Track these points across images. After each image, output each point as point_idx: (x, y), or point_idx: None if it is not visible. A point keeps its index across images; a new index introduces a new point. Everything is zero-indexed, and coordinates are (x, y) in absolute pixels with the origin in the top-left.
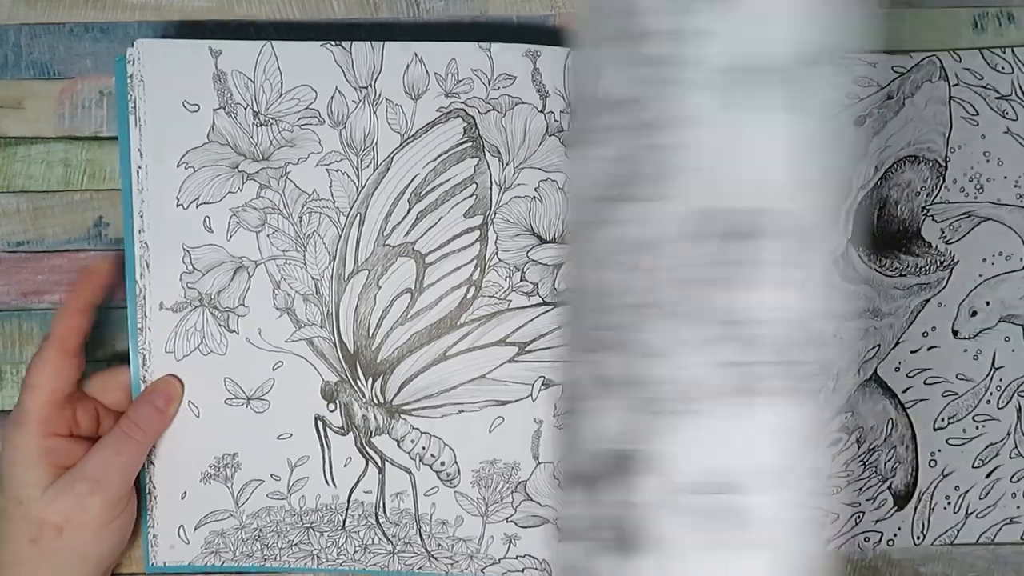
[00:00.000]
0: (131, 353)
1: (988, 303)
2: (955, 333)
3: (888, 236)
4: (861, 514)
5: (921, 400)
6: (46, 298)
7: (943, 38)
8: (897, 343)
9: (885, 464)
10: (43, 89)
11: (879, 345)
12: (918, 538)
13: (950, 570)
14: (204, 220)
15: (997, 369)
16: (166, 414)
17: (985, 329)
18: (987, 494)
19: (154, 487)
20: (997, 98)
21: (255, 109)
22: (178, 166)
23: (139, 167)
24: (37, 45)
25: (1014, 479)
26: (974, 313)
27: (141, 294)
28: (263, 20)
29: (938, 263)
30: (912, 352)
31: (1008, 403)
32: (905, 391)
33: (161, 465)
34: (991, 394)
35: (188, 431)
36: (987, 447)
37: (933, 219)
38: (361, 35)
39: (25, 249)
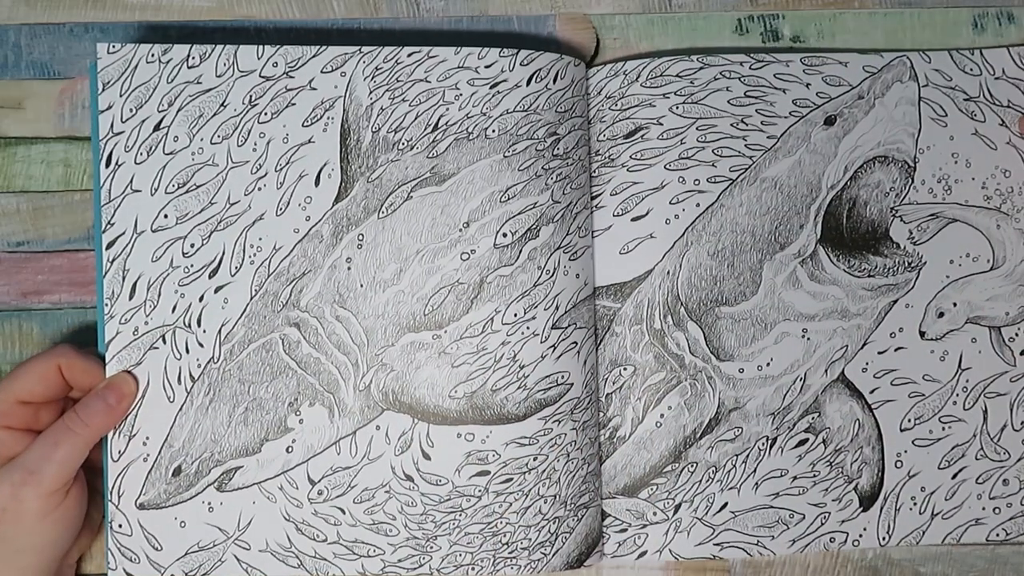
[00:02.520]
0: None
1: (955, 304)
2: (922, 334)
3: (857, 237)
4: (827, 515)
5: (888, 401)
6: (46, 298)
7: (943, 38)
8: (865, 344)
9: (851, 465)
10: (43, 89)
11: (847, 346)
12: (883, 539)
13: (950, 570)
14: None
15: (964, 370)
16: (116, 411)
17: (952, 330)
18: (953, 495)
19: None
20: (965, 99)
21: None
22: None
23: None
24: (37, 45)
25: (980, 480)
26: (941, 314)
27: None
28: (263, 20)
29: (906, 264)
30: (880, 353)
31: (974, 404)
32: (872, 392)
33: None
34: (957, 395)
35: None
36: (953, 448)
37: (902, 220)
38: (361, 35)
39: (25, 249)
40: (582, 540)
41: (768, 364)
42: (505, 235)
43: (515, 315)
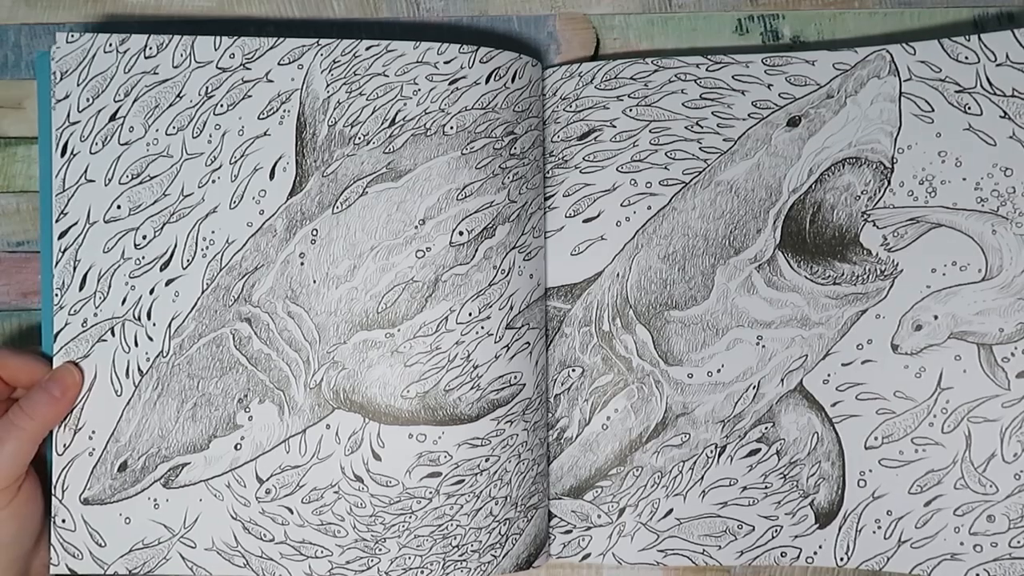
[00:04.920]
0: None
1: (936, 317)
2: (895, 347)
3: (822, 242)
4: (778, 528)
5: (852, 416)
6: None
7: (943, 38)
8: (827, 354)
9: (808, 479)
10: None
11: (806, 355)
12: (841, 559)
13: None
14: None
15: (944, 390)
16: (61, 402)
17: (931, 345)
18: (925, 523)
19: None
20: (958, 92)
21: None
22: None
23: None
24: (37, 45)
25: (959, 512)
26: (919, 327)
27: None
28: (263, 19)
29: (878, 272)
30: (844, 365)
31: (955, 428)
32: (834, 405)
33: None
34: (935, 416)
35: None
36: (927, 473)
37: (875, 225)
38: (360, 35)
39: (25, 249)
40: (531, 541)
41: (719, 370)
42: (461, 233)
43: (470, 314)
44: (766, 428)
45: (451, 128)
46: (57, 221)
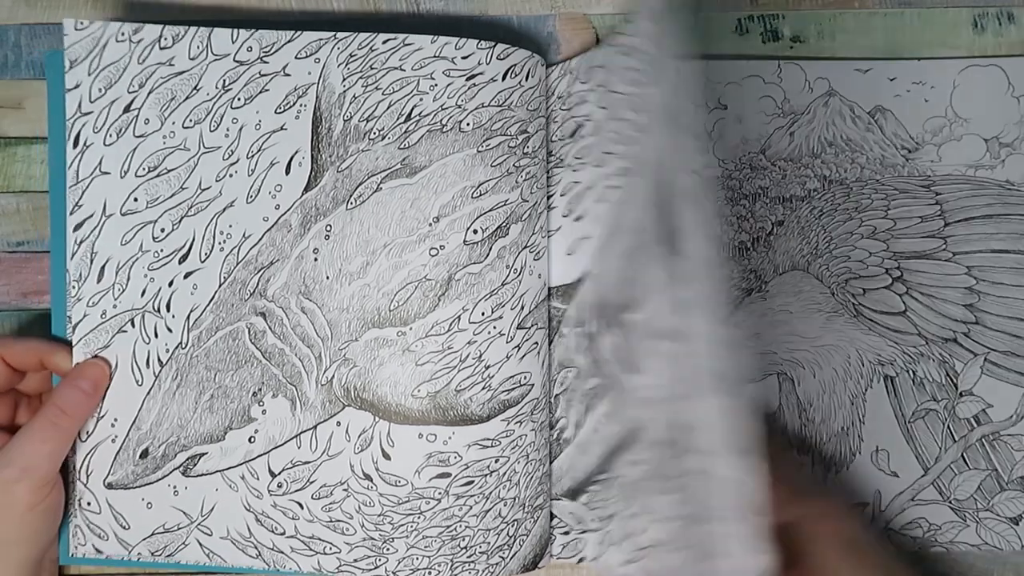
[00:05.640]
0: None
1: None
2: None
3: None
4: None
5: None
6: (46, 298)
7: (943, 38)
8: None
9: None
10: (43, 89)
11: None
12: None
13: (950, 571)
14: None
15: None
16: (94, 398)
17: None
18: None
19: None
20: None
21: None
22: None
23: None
24: (37, 45)
25: None
26: None
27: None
28: (263, 16)
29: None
30: None
31: None
32: None
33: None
34: None
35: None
36: None
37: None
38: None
39: (25, 249)
40: (536, 542)
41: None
42: (476, 232)
43: (483, 314)
44: None
45: (467, 125)
46: (72, 213)
